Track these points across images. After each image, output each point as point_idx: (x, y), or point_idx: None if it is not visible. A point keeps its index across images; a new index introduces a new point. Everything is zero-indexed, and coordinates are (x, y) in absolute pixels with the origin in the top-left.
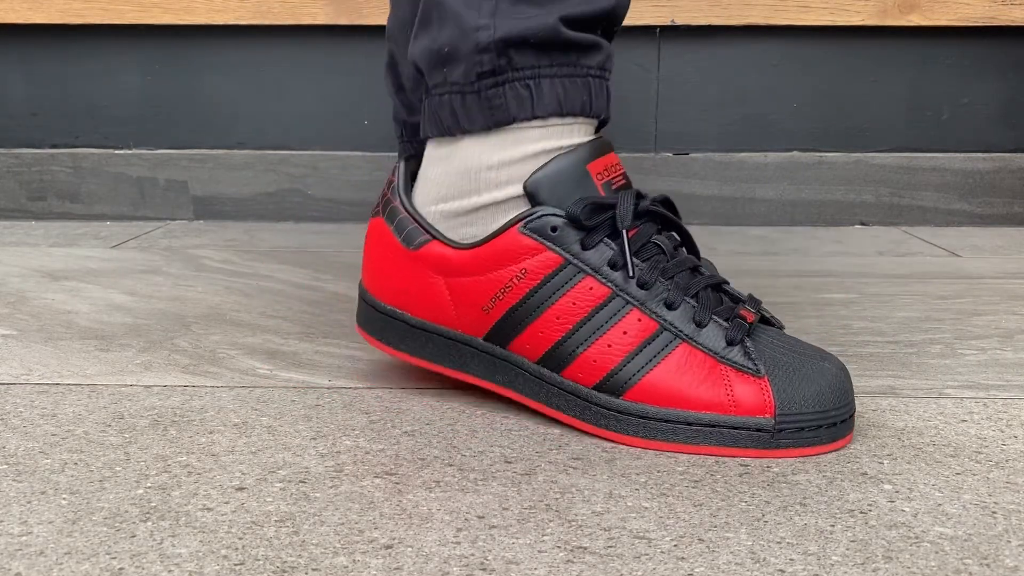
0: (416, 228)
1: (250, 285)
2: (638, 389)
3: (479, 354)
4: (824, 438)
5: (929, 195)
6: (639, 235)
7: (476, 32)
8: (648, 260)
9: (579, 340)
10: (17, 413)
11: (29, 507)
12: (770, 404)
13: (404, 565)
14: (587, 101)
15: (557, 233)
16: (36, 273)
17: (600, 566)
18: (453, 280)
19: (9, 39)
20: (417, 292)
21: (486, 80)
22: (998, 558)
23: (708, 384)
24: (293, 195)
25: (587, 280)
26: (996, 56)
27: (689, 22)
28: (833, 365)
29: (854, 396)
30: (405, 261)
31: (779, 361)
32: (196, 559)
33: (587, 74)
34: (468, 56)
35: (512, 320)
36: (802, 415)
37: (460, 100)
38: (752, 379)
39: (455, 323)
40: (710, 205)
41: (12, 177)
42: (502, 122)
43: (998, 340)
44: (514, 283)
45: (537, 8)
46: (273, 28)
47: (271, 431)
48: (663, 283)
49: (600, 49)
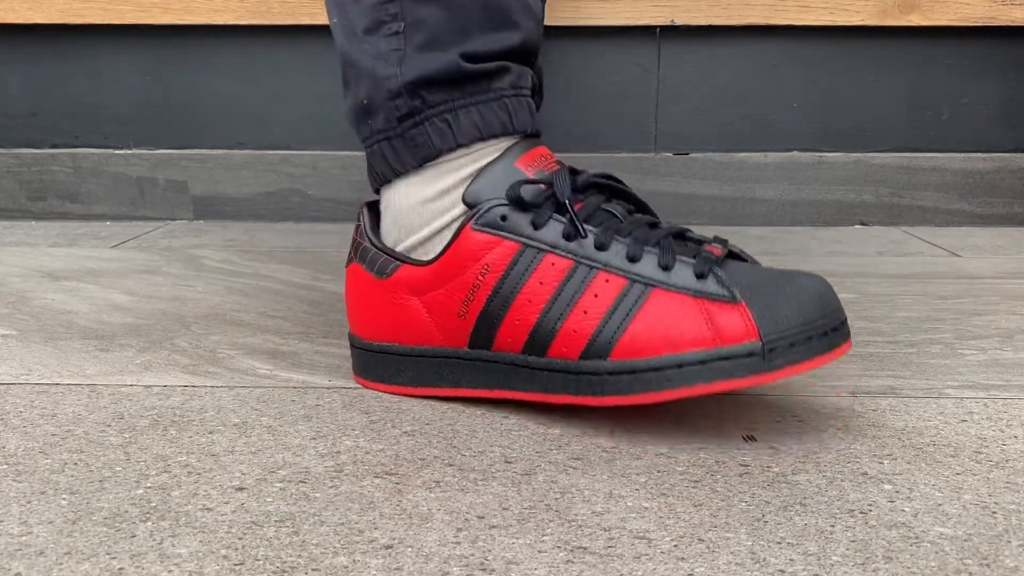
0: (386, 259)
1: (250, 285)
2: (622, 346)
3: (469, 364)
4: (818, 348)
5: (929, 195)
6: (586, 206)
7: (386, 81)
8: (600, 224)
9: (555, 316)
10: (17, 413)
11: (29, 507)
12: (752, 327)
13: (404, 565)
14: (507, 121)
15: (507, 221)
16: (36, 273)
17: (600, 566)
18: (426, 297)
19: (9, 39)
20: (398, 319)
21: (406, 122)
22: (998, 558)
23: (689, 321)
24: (293, 195)
25: (548, 257)
26: (996, 56)
27: (689, 22)
28: (810, 279)
29: (840, 305)
30: (381, 292)
31: (754, 284)
32: (196, 559)
33: (501, 96)
34: (384, 104)
35: (488, 318)
36: (788, 330)
37: (388, 146)
38: (730, 306)
39: (439, 340)
40: (710, 205)
41: (12, 177)
42: (429, 157)
43: (998, 340)
44: (480, 280)
45: (439, 52)
46: (273, 28)
47: (271, 431)
48: (621, 241)
49: (508, 71)
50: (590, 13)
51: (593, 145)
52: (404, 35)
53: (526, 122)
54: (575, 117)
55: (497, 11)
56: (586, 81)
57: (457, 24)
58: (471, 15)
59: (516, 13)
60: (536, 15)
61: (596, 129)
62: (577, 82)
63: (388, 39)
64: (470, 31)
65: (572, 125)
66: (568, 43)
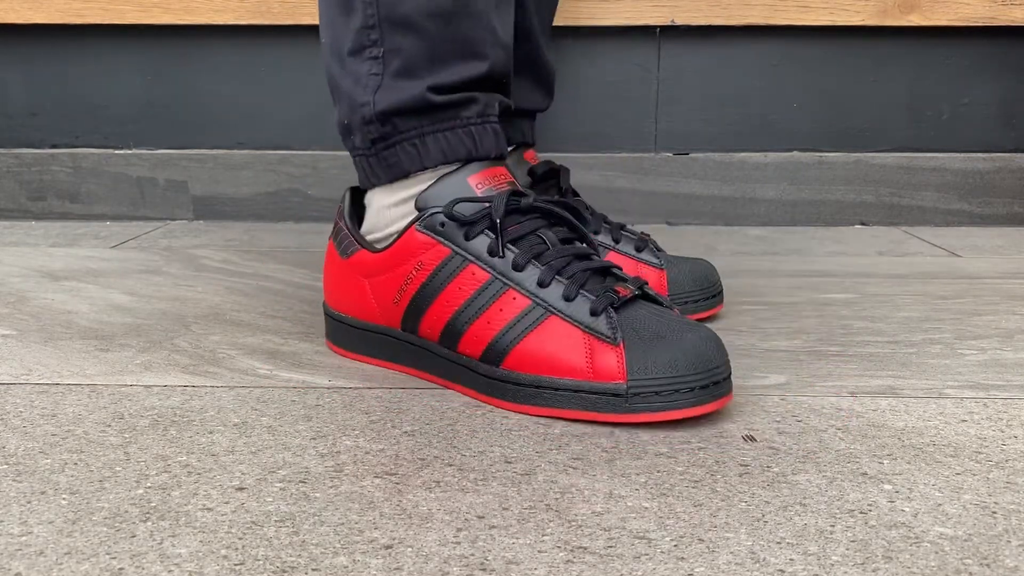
0: (349, 241)
1: (250, 285)
2: (512, 357)
3: (402, 344)
4: (681, 402)
5: (929, 195)
6: (522, 227)
7: (361, 108)
8: (525, 247)
9: (465, 319)
10: (17, 413)
11: (29, 507)
12: (622, 371)
13: (404, 565)
14: (471, 147)
15: (445, 228)
16: (36, 273)
17: (600, 566)
18: (372, 280)
19: (9, 39)
20: (352, 295)
21: (379, 144)
22: (998, 558)
23: (572, 352)
24: (293, 195)
25: (471, 267)
26: (996, 56)
27: (689, 22)
28: (696, 335)
29: (723, 363)
30: (343, 270)
31: (640, 331)
32: (196, 559)
33: (468, 124)
34: (360, 127)
35: (415, 308)
36: (653, 380)
37: (366, 161)
38: (610, 347)
39: (379, 319)
40: (710, 205)
41: (12, 177)
42: (399, 176)
43: (998, 340)
44: (413, 275)
45: (412, 80)
46: (273, 28)
47: (271, 431)
48: (536, 266)
49: (475, 101)
50: (590, 13)
51: (593, 145)
52: (383, 60)
53: (490, 148)
54: (575, 117)
55: (468, 43)
56: (586, 81)
57: (430, 54)
58: (443, 46)
59: (485, 45)
60: (505, 45)
61: (596, 129)
62: (577, 82)
63: (368, 63)
64: (442, 60)
65: (572, 125)
66: (568, 43)
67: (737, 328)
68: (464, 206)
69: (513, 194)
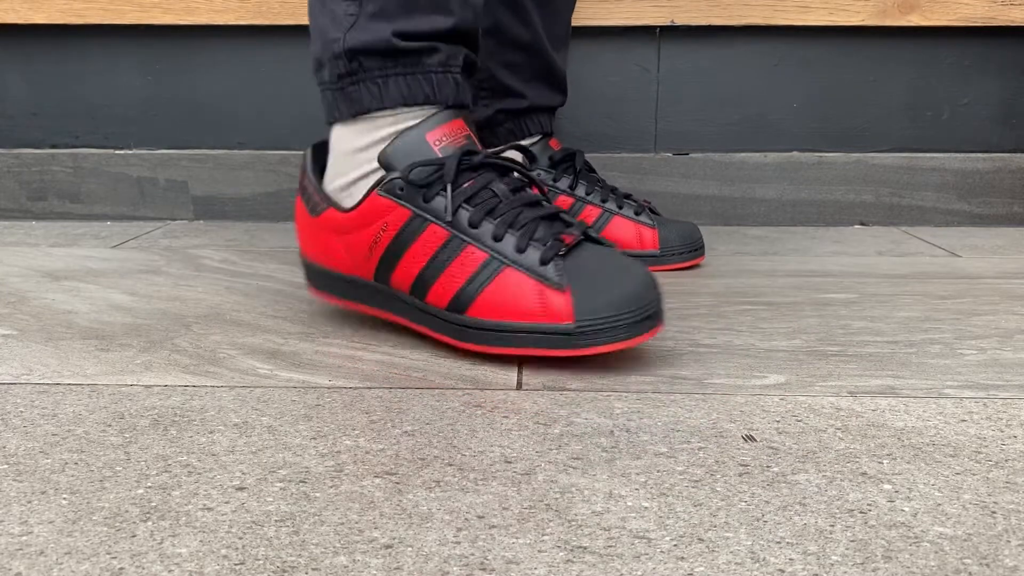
0: (318, 200)
1: (250, 285)
2: (476, 306)
3: (376, 292)
4: (622, 335)
5: (929, 195)
6: (476, 183)
7: (332, 44)
8: (479, 204)
9: (431, 274)
10: (17, 413)
11: (29, 507)
12: (570, 311)
13: (404, 565)
14: (430, 92)
15: (404, 192)
16: (36, 273)
17: (600, 566)
18: (344, 237)
19: (9, 39)
20: (325, 248)
21: (345, 80)
22: (998, 558)
23: (527, 298)
24: (293, 195)
25: (431, 227)
26: (996, 56)
27: (689, 22)
28: (632, 275)
29: (654, 299)
30: (313, 227)
31: (584, 275)
32: (196, 559)
33: (428, 71)
34: (330, 62)
35: (385, 263)
36: (596, 319)
37: (331, 95)
38: (558, 292)
39: (352, 270)
40: (710, 205)
41: (12, 177)
42: (360, 112)
43: (998, 340)
44: (380, 235)
45: (382, 23)
46: (274, 28)
47: (271, 431)
48: (490, 221)
49: (437, 51)
50: (590, 13)
51: (593, 145)
52: (360, 1)
53: (448, 95)
54: (575, 117)
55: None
56: (586, 81)
57: (404, 2)
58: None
59: (454, 3)
60: (474, 5)
61: (596, 129)
62: (577, 82)
63: (347, 3)
64: (412, 9)
65: (572, 125)
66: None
67: (737, 328)
68: (420, 171)
69: (466, 153)
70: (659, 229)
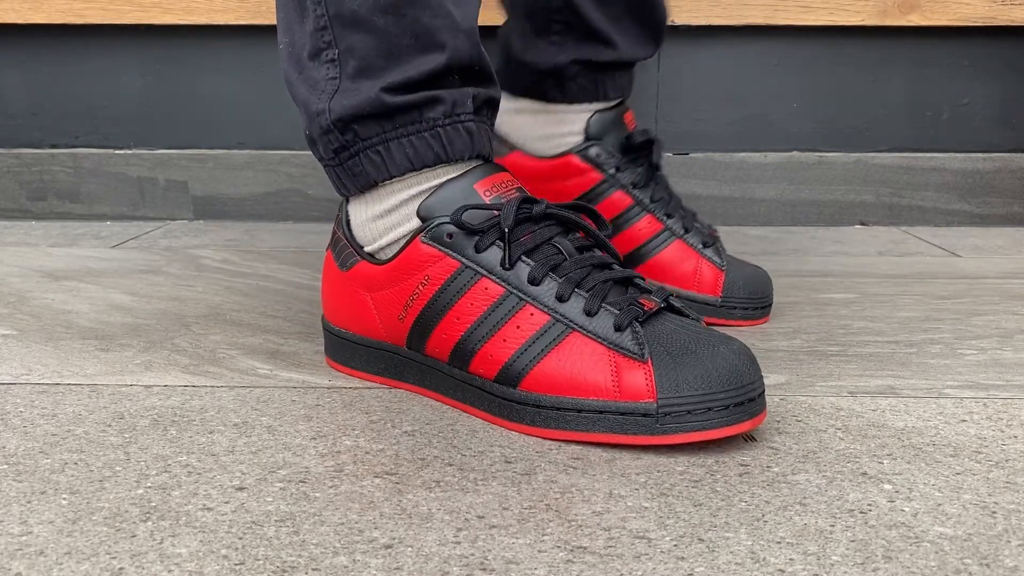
0: (350, 252)
1: (250, 285)
2: (531, 378)
3: (408, 362)
4: (715, 421)
5: (929, 195)
6: (536, 237)
7: (318, 117)
8: (540, 260)
9: (478, 337)
10: (17, 413)
11: (29, 507)
12: (652, 389)
13: (404, 565)
14: (440, 151)
15: (453, 239)
16: (36, 273)
17: (600, 566)
18: (375, 294)
19: (9, 39)
20: (353, 309)
21: (342, 154)
22: (998, 558)
23: (596, 371)
24: (293, 195)
25: (483, 281)
26: (996, 56)
27: (689, 22)
28: (728, 349)
29: (758, 379)
30: (342, 282)
31: (668, 346)
32: (196, 559)
33: (434, 126)
34: (321, 138)
35: (421, 325)
36: (684, 398)
37: (333, 172)
38: (637, 364)
39: (382, 335)
40: (710, 205)
41: (12, 177)
42: (367, 186)
43: (998, 340)
44: (420, 290)
45: (368, 81)
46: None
47: (271, 431)
48: (554, 279)
49: (439, 100)
50: None
51: None
52: (339, 62)
53: (463, 150)
54: None
55: (422, 35)
56: None
57: (385, 50)
58: (397, 40)
59: (441, 33)
60: (467, 30)
61: None
62: None
63: (326, 66)
64: (397, 56)
65: None
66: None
67: (737, 328)
68: (473, 214)
69: (524, 201)
70: (726, 273)
